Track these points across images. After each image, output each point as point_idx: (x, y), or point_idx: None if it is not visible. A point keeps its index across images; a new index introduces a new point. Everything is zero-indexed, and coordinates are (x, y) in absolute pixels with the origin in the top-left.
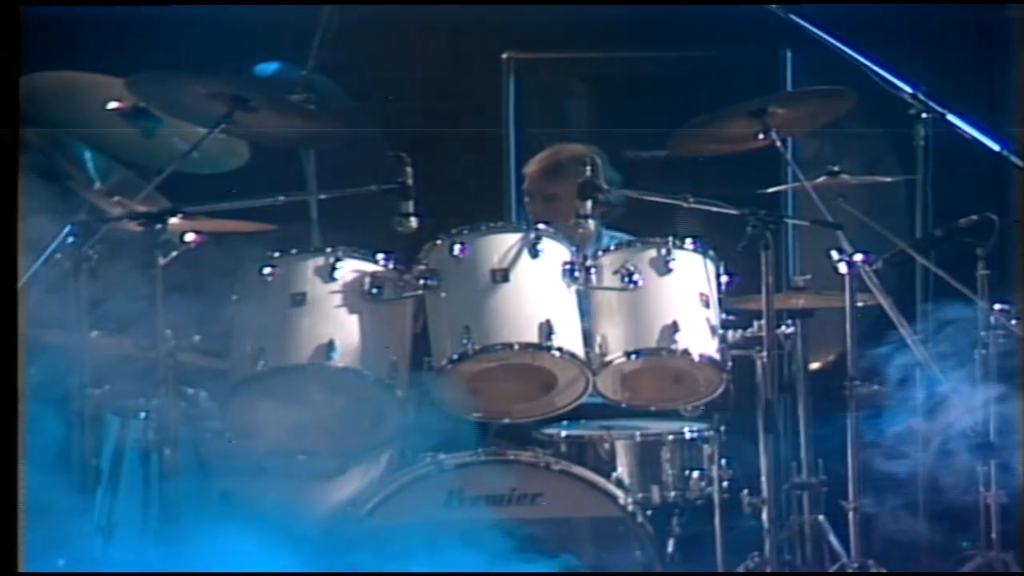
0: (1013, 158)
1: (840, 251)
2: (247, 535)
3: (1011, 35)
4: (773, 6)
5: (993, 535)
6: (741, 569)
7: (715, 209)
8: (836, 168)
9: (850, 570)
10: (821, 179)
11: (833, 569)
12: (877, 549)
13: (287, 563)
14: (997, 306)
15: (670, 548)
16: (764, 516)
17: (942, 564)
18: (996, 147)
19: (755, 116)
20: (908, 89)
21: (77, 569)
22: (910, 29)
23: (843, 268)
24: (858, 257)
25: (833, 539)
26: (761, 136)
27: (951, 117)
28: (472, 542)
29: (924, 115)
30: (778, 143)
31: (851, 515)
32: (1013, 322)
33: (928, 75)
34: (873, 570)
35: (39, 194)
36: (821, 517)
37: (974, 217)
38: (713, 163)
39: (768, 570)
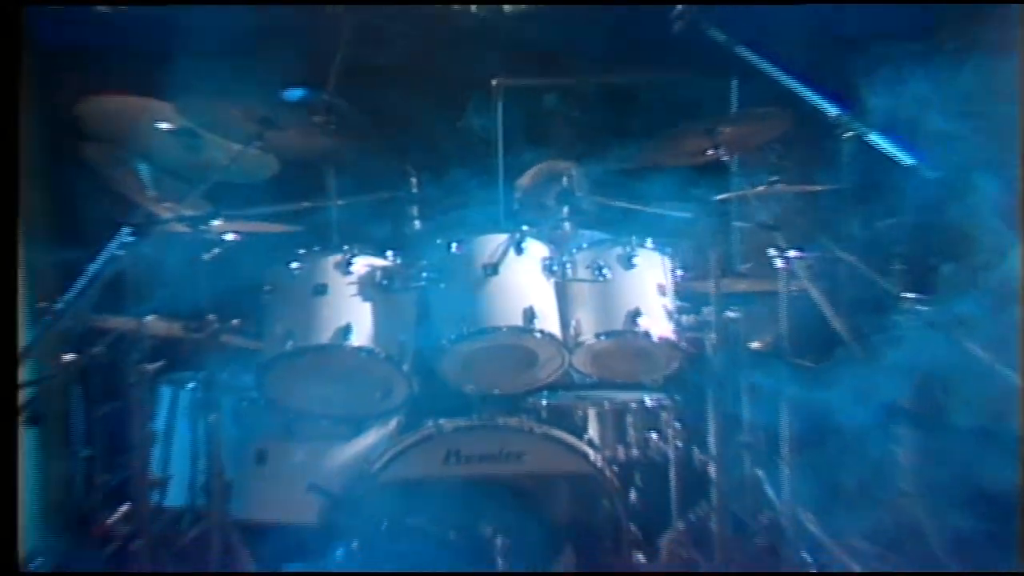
0: (926, 170)
1: (778, 248)
2: (279, 487)
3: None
4: (722, 39)
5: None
6: (691, 517)
7: (671, 213)
8: (775, 179)
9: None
10: (762, 188)
11: (766, 515)
12: (804, 497)
13: (309, 515)
14: (909, 295)
15: (632, 498)
16: (712, 470)
17: (855, 505)
18: (910, 161)
19: (707, 133)
20: (833, 111)
21: None
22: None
23: (779, 263)
24: (792, 253)
25: (768, 489)
26: (711, 151)
27: (870, 136)
28: (466, 493)
29: (848, 134)
30: (725, 157)
31: (784, 469)
32: (921, 308)
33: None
34: (807, 521)
35: (101, 200)
36: (759, 471)
37: (891, 220)
38: (674, 172)
39: (712, 515)
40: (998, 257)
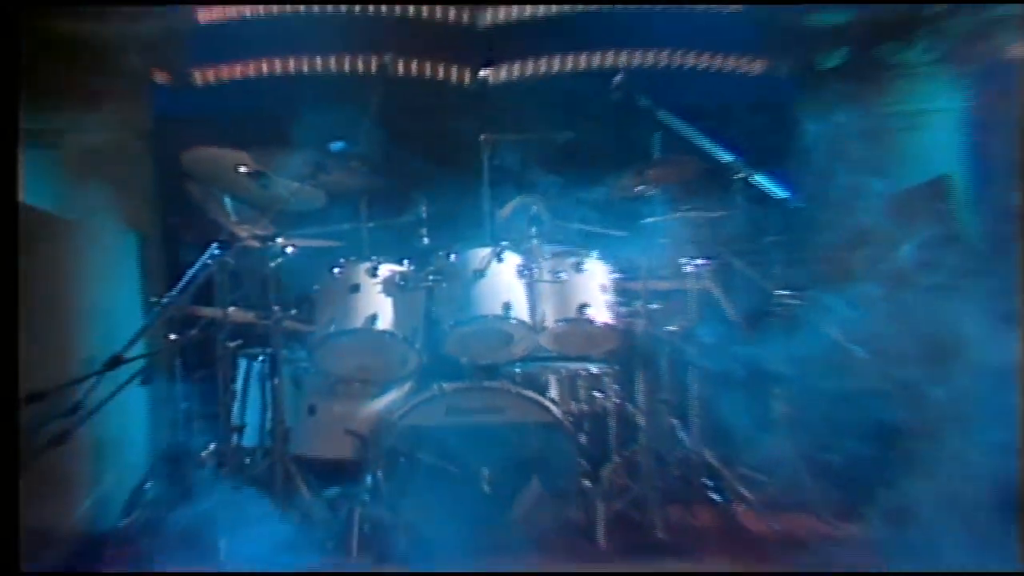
0: (797, 203)
1: (688, 257)
2: (324, 432)
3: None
4: (648, 104)
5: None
6: (625, 453)
7: (612, 232)
8: (688, 207)
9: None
10: (678, 214)
11: (679, 452)
12: (706, 439)
13: (346, 452)
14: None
15: (583, 440)
16: (640, 419)
17: (743, 445)
18: (783, 195)
19: (638, 173)
20: (728, 158)
21: None
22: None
23: (689, 268)
24: (699, 261)
25: (681, 433)
26: (641, 187)
27: (754, 177)
28: (462, 437)
29: (739, 174)
30: (652, 191)
31: (692, 419)
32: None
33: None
34: (708, 456)
35: (197, 223)
36: (675, 420)
37: (772, 237)
38: (615, 202)
39: (640, 453)
40: (888, 249)
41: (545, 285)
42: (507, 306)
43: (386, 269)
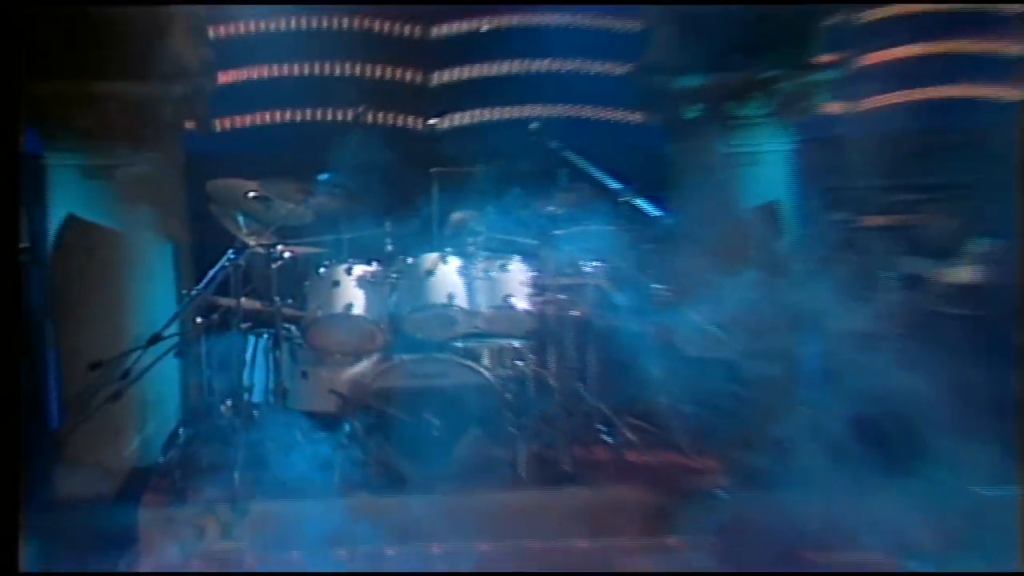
0: (667, 219)
1: (585, 261)
2: (314, 392)
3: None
4: (556, 146)
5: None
6: (540, 408)
7: (528, 241)
8: (586, 223)
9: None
10: (579, 228)
11: (582, 405)
12: (601, 395)
13: (330, 407)
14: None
15: (508, 397)
16: (551, 381)
17: (630, 400)
18: (657, 214)
19: (550, 197)
20: (618, 186)
21: None
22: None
23: (588, 269)
24: (594, 263)
25: (583, 392)
26: (553, 208)
27: (635, 201)
28: (417, 396)
29: (624, 198)
30: (561, 211)
31: (590, 380)
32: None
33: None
34: (602, 407)
35: (217, 235)
36: (579, 382)
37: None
38: (533, 217)
39: (552, 407)
40: (763, 252)
41: (479, 281)
42: (451, 296)
43: (359, 269)
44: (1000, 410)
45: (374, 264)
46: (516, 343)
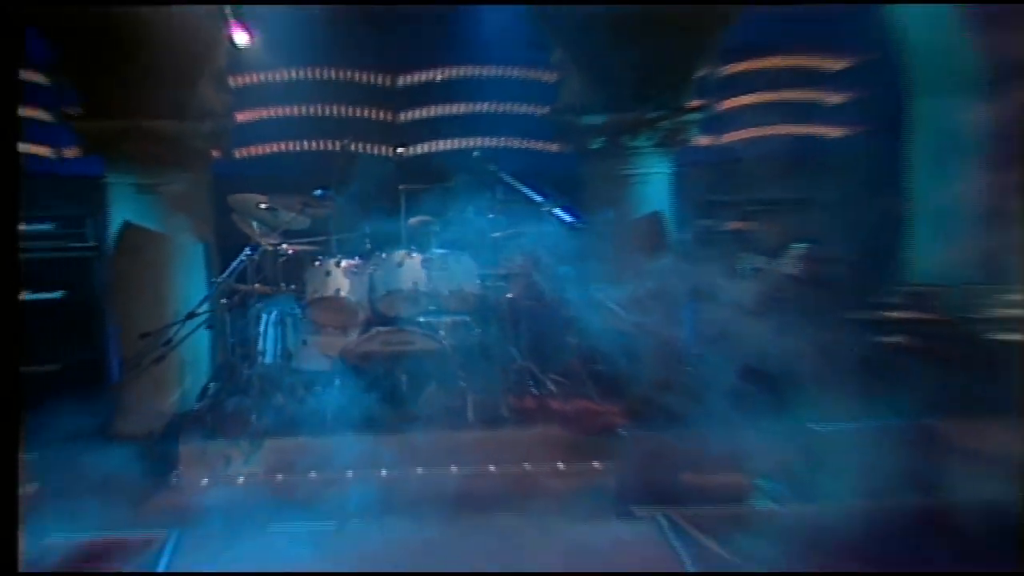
0: (580, 226)
1: (519, 255)
2: (311, 355)
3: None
4: (494, 168)
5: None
6: (484, 366)
7: (475, 241)
8: (519, 228)
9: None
10: (513, 231)
11: (515, 365)
12: (531, 357)
13: (325, 366)
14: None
15: (459, 359)
16: (492, 346)
17: (554, 363)
18: (572, 221)
19: (490, 208)
20: (539, 199)
21: None
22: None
23: (519, 261)
24: (524, 257)
25: (516, 355)
26: (491, 215)
27: (555, 211)
28: (390, 358)
29: (548, 208)
30: (498, 217)
31: (523, 346)
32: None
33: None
34: (531, 367)
35: (236, 237)
36: (513, 348)
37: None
38: (478, 223)
39: (491, 366)
40: (651, 248)
41: (437, 271)
42: (415, 283)
43: (345, 262)
44: (829, 363)
45: (356, 258)
46: (467, 318)
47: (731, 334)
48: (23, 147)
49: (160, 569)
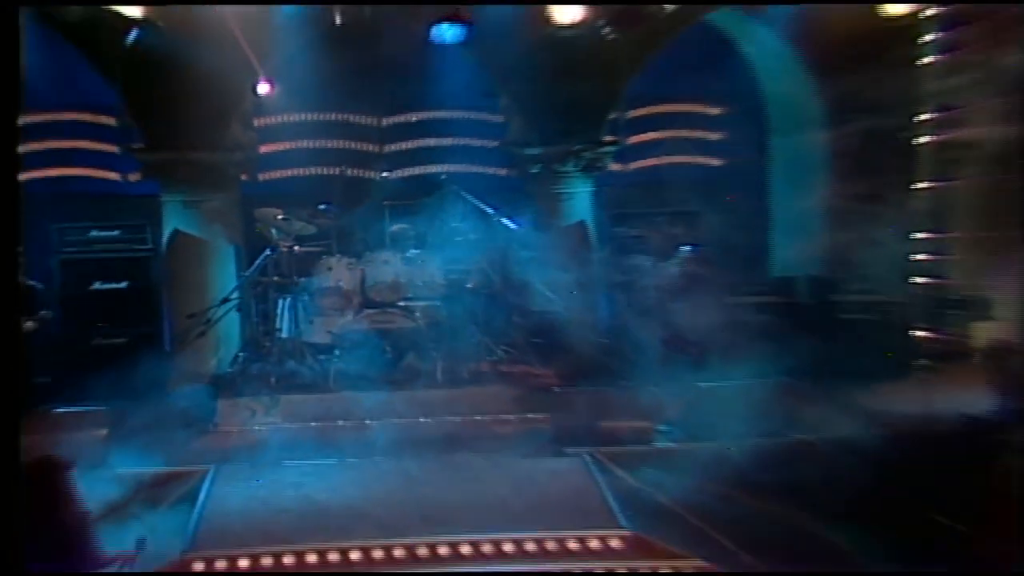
0: (526, 231)
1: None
2: (319, 330)
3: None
4: (456, 188)
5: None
6: (451, 341)
7: (440, 243)
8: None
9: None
10: (472, 235)
11: (472, 340)
12: (486, 333)
13: (328, 340)
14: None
15: (430, 335)
16: (455, 325)
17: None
18: (516, 227)
19: (453, 219)
20: (491, 211)
21: None
22: None
23: (479, 261)
24: (481, 257)
25: (475, 332)
26: (455, 224)
27: (503, 221)
28: (377, 334)
29: (498, 219)
30: (461, 226)
31: (481, 324)
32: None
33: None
34: (487, 341)
35: (259, 241)
36: (473, 325)
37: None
38: (444, 230)
39: (456, 341)
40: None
41: (413, 267)
42: (397, 276)
43: (343, 260)
44: (711, 336)
45: (352, 257)
46: (437, 303)
47: (636, 314)
48: (99, 173)
49: (203, 494)
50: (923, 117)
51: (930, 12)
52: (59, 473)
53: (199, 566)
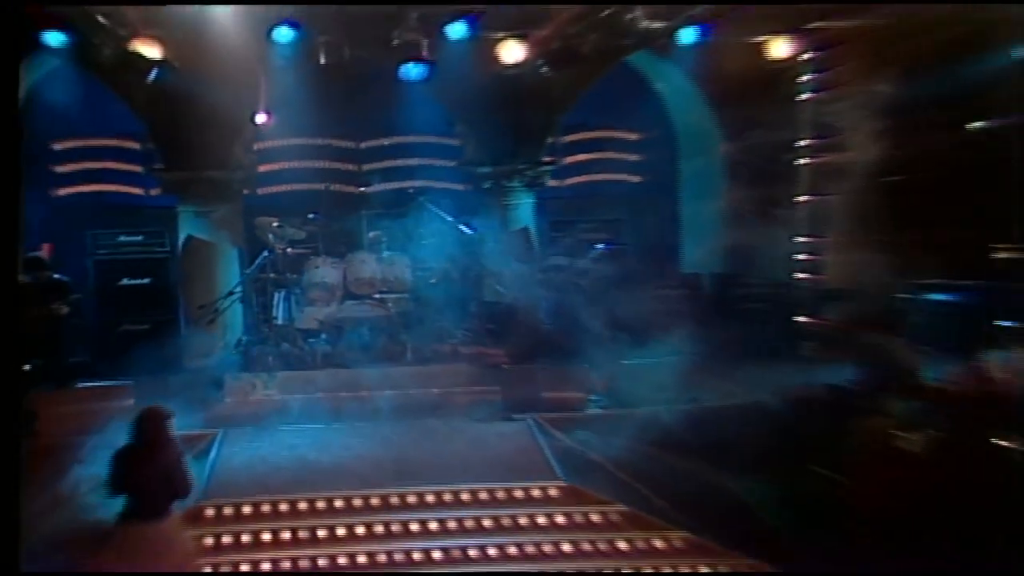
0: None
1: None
2: (310, 319)
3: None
4: (423, 201)
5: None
6: (418, 324)
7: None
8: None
9: None
10: (436, 239)
11: (436, 325)
12: (449, 319)
13: (316, 327)
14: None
15: (400, 322)
16: (421, 313)
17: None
18: (471, 233)
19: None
20: (450, 219)
21: None
22: None
23: (444, 261)
24: (445, 259)
25: (440, 319)
26: (421, 231)
27: (461, 227)
28: (358, 321)
29: (462, 227)
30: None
31: (444, 312)
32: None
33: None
34: (449, 325)
35: (259, 245)
36: (436, 314)
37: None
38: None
39: (423, 326)
40: (522, 251)
41: (387, 266)
42: (372, 273)
43: (328, 260)
44: (631, 323)
45: (335, 257)
46: (405, 296)
47: (570, 303)
48: (126, 188)
49: (213, 452)
50: (802, 142)
51: (806, 56)
52: (163, 420)
53: (210, 512)
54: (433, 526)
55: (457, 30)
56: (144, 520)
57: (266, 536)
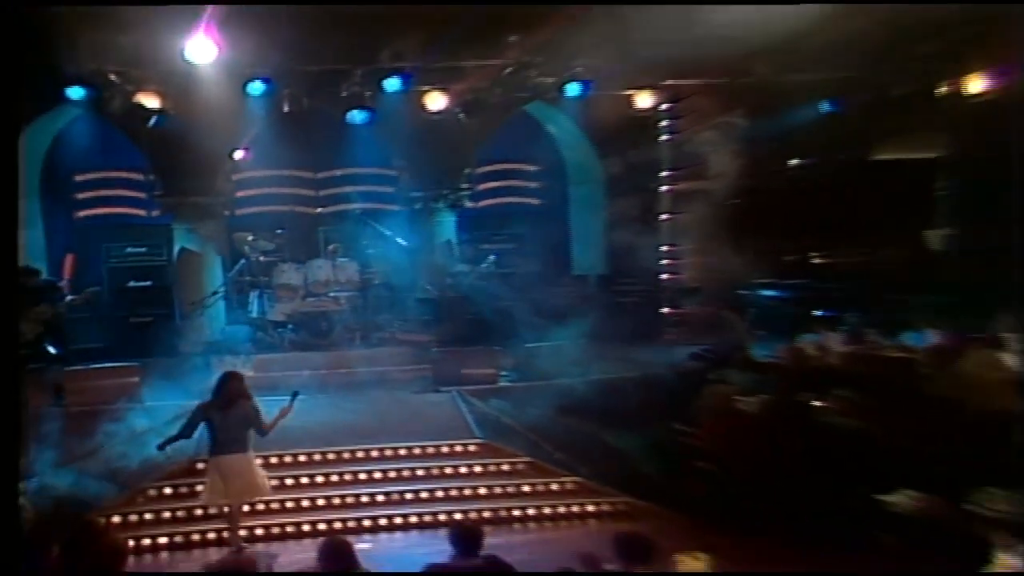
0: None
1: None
2: (281, 312)
3: None
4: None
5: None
6: (377, 319)
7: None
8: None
9: None
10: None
11: (385, 319)
12: (391, 313)
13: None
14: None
15: (352, 313)
16: (367, 307)
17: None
18: (405, 243)
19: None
20: (388, 232)
21: None
22: None
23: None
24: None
25: (381, 312)
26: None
27: (400, 241)
28: (317, 314)
29: (390, 238)
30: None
31: (374, 305)
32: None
33: None
34: (399, 323)
35: (237, 254)
36: (382, 309)
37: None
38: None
39: (384, 322)
40: (444, 259)
41: (342, 268)
42: (328, 276)
43: (293, 266)
44: (535, 314)
45: (298, 263)
46: (355, 293)
47: (484, 299)
48: (133, 210)
49: None
50: (663, 173)
51: (664, 106)
52: (240, 380)
53: (201, 465)
54: (377, 475)
55: (393, 84)
56: (231, 453)
57: None
